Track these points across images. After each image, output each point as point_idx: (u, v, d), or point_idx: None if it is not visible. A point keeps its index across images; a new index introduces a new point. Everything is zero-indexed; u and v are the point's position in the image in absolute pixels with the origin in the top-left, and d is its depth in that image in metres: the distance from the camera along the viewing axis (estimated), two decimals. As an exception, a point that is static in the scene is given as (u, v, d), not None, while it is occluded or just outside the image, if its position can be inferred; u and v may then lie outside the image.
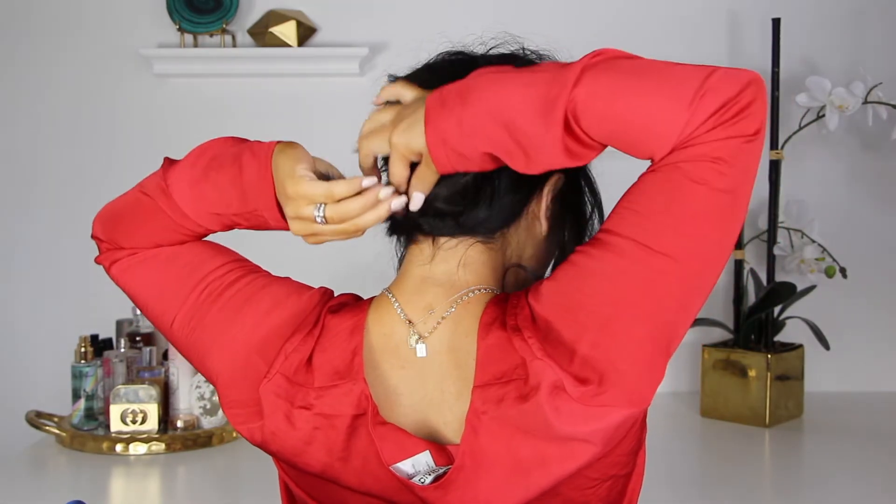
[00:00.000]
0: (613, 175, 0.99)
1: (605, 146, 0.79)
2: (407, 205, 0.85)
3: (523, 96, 0.76)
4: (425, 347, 0.86)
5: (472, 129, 0.78)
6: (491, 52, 0.94)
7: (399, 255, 0.97)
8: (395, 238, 0.96)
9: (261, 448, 0.89)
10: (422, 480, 0.83)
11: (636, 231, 0.77)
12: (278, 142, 0.89)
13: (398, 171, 0.84)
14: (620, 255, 0.78)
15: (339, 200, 0.83)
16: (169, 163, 0.94)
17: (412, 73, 0.92)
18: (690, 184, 0.75)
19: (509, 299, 0.86)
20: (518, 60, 0.91)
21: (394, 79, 0.92)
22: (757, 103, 0.74)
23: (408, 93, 0.85)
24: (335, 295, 0.94)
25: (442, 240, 0.89)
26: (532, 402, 0.78)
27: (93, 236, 0.98)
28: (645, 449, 0.90)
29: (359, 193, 0.83)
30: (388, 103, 0.87)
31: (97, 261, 0.98)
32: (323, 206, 0.83)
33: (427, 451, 0.83)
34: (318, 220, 0.83)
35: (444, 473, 0.82)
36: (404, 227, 0.91)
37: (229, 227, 0.94)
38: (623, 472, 0.87)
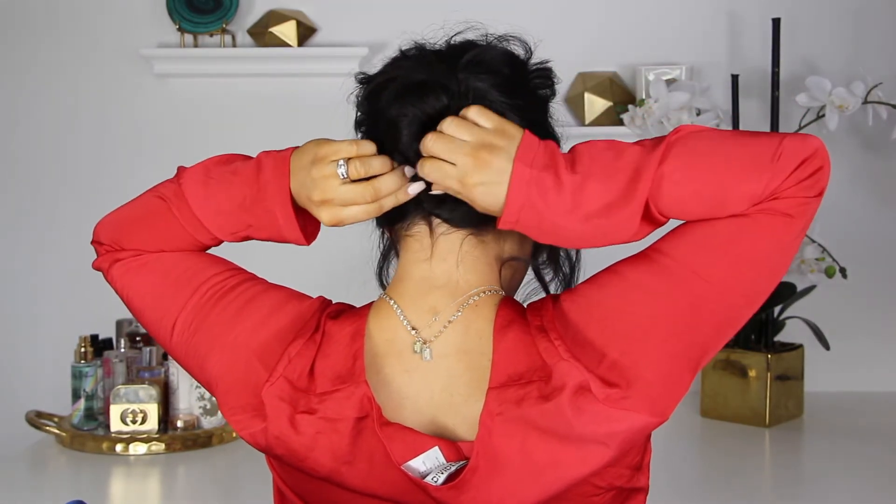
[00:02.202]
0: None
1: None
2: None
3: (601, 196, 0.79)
4: (431, 352, 0.87)
5: (553, 230, 0.81)
6: (452, 39, 0.92)
7: (380, 248, 0.97)
8: (379, 236, 0.97)
9: (265, 453, 0.89)
10: (435, 480, 0.82)
11: (691, 258, 0.80)
12: (296, 147, 0.90)
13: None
14: (669, 276, 0.80)
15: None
16: (182, 168, 0.95)
17: (381, 73, 0.91)
18: (758, 231, 0.79)
19: (530, 302, 0.87)
20: (478, 46, 0.90)
21: (363, 76, 0.93)
22: (825, 169, 0.79)
23: (485, 120, 0.82)
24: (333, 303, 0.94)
25: (438, 231, 0.89)
26: (554, 403, 0.79)
27: (93, 241, 0.97)
28: (649, 471, 0.90)
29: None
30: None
31: (95, 265, 0.97)
32: (345, 162, 0.85)
33: (436, 447, 0.83)
34: (341, 174, 0.85)
35: (457, 472, 0.82)
36: (401, 209, 0.89)
37: (239, 235, 0.93)
38: (626, 485, 0.87)
